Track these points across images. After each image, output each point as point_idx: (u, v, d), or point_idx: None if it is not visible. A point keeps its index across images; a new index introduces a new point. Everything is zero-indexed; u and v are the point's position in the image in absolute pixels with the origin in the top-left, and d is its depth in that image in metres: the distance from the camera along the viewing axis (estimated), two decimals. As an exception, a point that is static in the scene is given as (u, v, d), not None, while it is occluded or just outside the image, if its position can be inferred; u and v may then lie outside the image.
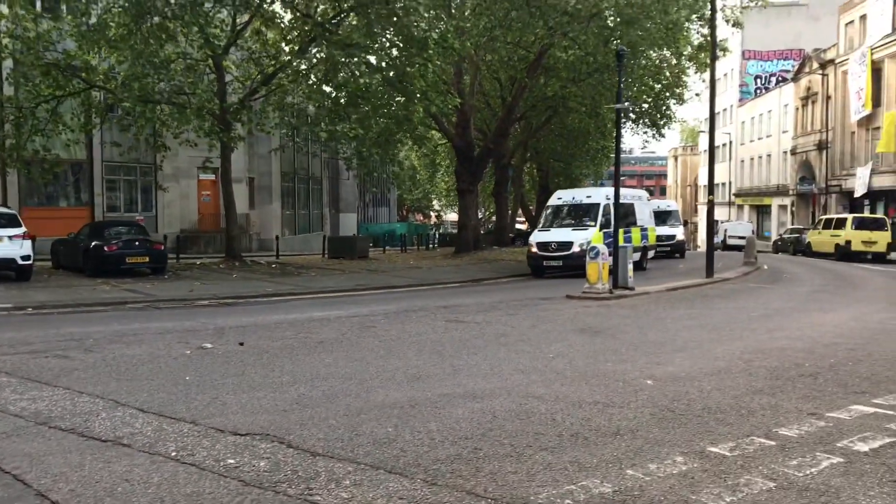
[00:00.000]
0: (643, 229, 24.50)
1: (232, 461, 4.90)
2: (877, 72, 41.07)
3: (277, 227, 37.58)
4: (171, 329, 11.15)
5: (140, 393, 6.84)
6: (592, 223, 22.36)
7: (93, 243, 19.95)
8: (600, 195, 23.37)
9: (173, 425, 5.77)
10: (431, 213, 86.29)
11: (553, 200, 24.92)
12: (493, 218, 49.98)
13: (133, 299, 15.54)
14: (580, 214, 23.08)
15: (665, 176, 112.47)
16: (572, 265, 21.54)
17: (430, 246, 47.36)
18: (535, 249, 22.65)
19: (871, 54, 41.09)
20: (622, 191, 25.11)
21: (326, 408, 6.28)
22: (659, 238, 31.15)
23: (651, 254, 26.02)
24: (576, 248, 21.51)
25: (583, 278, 17.03)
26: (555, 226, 23.20)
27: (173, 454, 5.05)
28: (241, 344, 9.53)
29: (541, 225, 24.41)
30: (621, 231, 22.38)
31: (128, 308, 14.56)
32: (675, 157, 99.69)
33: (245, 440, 5.36)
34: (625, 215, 22.58)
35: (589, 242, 21.22)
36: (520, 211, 55.09)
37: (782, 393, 6.83)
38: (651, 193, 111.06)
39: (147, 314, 13.63)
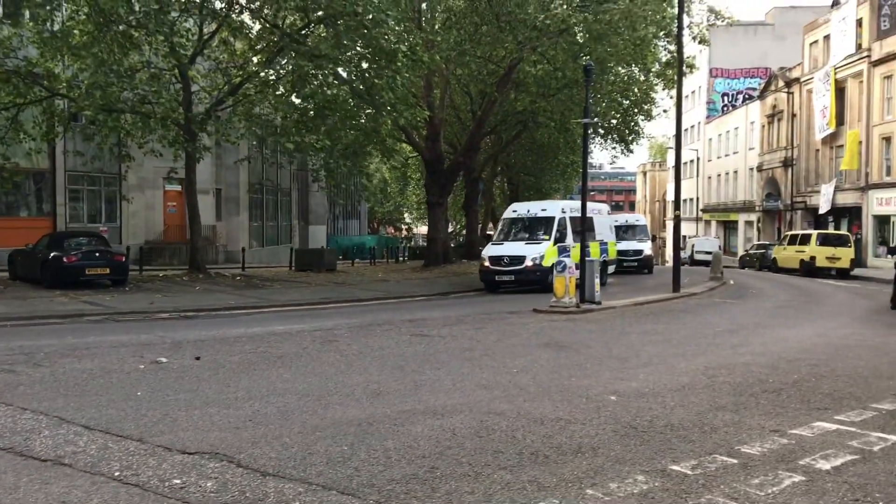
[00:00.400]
0: (602, 243, 24.06)
1: (177, 481, 4.73)
2: (840, 91, 41.83)
3: (245, 238, 37.18)
4: (126, 342, 10.85)
5: (88, 409, 6.61)
6: (546, 237, 21.84)
7: (51, 254, 19.47)
8: (556, 208, 22.99)
9: (119, 443, 5.56)
10: (402, 226, 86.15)
11: (508, 213, 24.41)
12: (464, 231, 49.97)
13: (91, 312, 15.17)
14: (535, 228, 22.51)
15: (634, 191, 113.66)
16: (524, 280, 21.20)
17: (400, 259, 47.18)
18: (487, 263, 21.94)
19: (835, 74, 41.85)
20: (579, 204, 25.02)
21: (281, 425, 6.11)
22: (626, 253, 31.19)
23: (611, 269, 25.65)
24: (528, 263, 21.05)
25: (538, 293, 16.95)
26: (509, 239, 22.60)
27: (116, 474, 4.87)
28: (198, 358, 9.29)
29: (494, 238, 23.89)
30: (578, 245, 22.28)
31: (85, 321, 14.19)
32: (644, 173, 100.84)
33: (193, 459, 5.18)
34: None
35: (542, 257, 20.97)
36: (490, 224, 55.17)
37: (745, 409, 6.78)
38: (620, 208, 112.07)
39: (103, 327, 13.30)
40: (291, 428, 6.01)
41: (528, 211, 23.56)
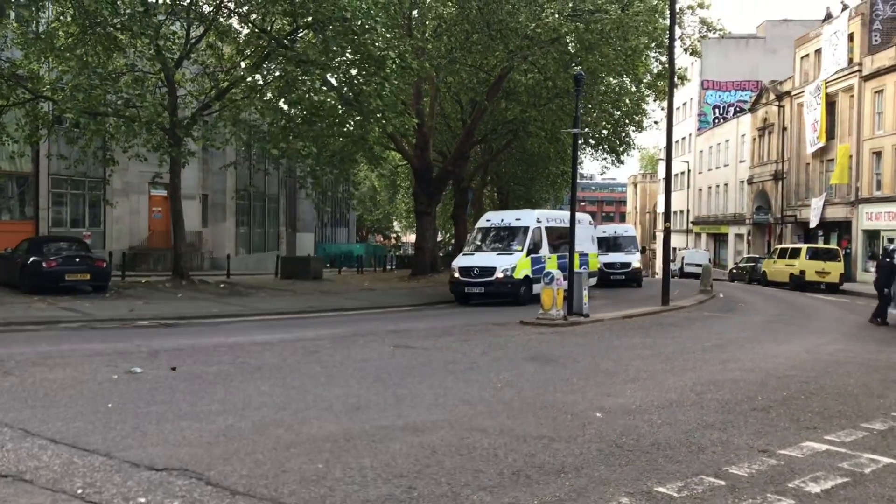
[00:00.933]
0: (582, 255, 23.24)
1: (142, 500, 4.54)
2: (831, 105, 41.95)
3: (231, 245, 36.86)
4: (101, 351, 10.58)
5: (55, 421, 6.38)
6: (519, 248, 21.14)
7: (30, 259, 19.08)
8: (530, 218, 22.35)
9: (85, 458, 5.35)
10: (391, 235, 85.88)
11: (481, 222, 23.66)
12: (453, 240, 49.74)
13: (68, 318, 14.87)
14: (507, 238, 21.82)
15: (625, 202, 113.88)
16: (494, 292, 20.55)
17: (388, 268, 46.94)
18: (457, 275, 21.09)
19: (826, 87, 41.97)
20: (560, 213, 24.69)
21: (254, 440, 5.90)
22: (613, 266, 30.95)
23: (592, 281, 24.64)
24: (498, 274, 20.33)
25: (510, 306, 16.53)
26: (482, 249, 21.84)
27: (79, 491, 4.67)
28: (174, 369, 9.04)
29: (466, 248, 23.16)
30: (555, 257, 22.00)
31: (61, 328, 13.88)
32: (635, 184, 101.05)
33: (160, 476, 4.98)
34: (561, 239, 21.74)
35: (513, 268, 20.46)
36: (479, 234, 54.94)
37: (734, 428, 6.61)
38: (610, 219, 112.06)
39: (80, 334, 13.01)
40: (265, 444, 5.80)
41: (502, 220, 22.87)
